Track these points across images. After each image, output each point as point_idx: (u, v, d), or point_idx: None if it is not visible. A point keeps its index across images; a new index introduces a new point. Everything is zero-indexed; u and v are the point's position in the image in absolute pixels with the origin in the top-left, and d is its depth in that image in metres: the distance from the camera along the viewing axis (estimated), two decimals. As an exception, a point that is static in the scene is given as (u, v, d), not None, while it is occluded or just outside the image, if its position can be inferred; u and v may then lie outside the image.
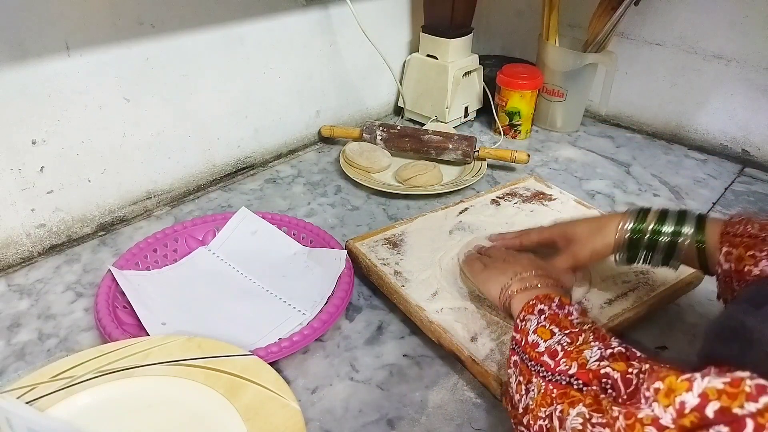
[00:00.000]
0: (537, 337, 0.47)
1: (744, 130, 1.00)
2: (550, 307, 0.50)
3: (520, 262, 0.59)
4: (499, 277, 0.58)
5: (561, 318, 0.48)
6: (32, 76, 0.67)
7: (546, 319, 0.48)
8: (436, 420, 0.54)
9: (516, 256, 0.62)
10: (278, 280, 0.70)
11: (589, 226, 0.62)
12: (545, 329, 0.47)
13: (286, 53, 0.93)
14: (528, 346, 0.47)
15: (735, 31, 0.95)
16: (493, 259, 0.63)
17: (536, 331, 0.47)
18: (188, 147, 0.87)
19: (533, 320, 0.49)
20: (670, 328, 0.65)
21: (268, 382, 0.52)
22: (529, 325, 0.49)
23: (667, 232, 0.56)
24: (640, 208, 0.59)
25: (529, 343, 0.47)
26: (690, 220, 0.56)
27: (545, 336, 0.46)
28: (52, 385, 0.51)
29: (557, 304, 0.50)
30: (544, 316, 0.49)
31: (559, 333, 0.46)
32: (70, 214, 0.77)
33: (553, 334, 0.46)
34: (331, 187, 0.92)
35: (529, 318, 0.49)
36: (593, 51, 1.01)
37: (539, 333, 0.47)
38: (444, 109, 1.06)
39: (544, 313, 0.49)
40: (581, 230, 0.62)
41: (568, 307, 0.50)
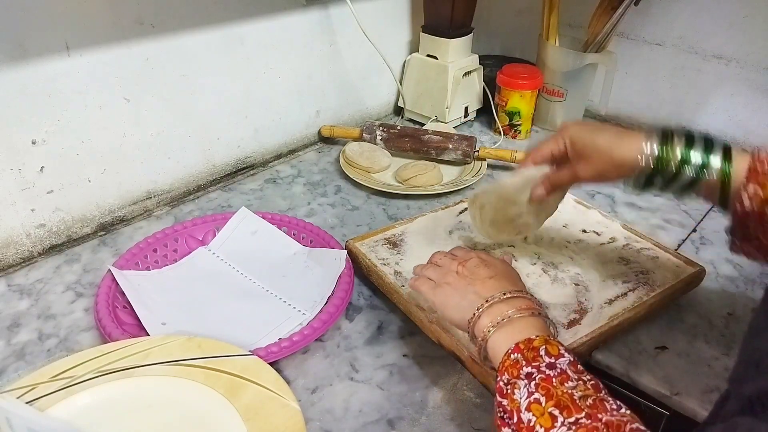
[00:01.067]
0: (533, 418, 0.40)
1: (744, 130, 1.00)
2: (539, 369, 0.43)
3: (479, 277, 0.52)
4: (460, 302, 0.51)
5: (557, 387, 0.41)
6: (32, 76, 0.67)
7: (538, 389, 0.41)
8: (436, 420, 0.54)
9: (471, 269, 0.54)
10: (278, 280, 0.70)
11: (603, 146, 0.54)
12: (541, 408, 0.40)
13: (286, 53, 0.93)
14: (524, 428, 0.40)
15: (735, 31, 0.95)
16: (441, 271, 0.56)
17: (530, 408, 0.41)
18: (188, 147, 0.87)
19: (522, 388, 0.42)
20: (670, 328, 0.65)
21: (268, 382, 0.52)
22: (518, 395, 0.42)
23: (696, 164, 0.50)
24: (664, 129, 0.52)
25: (525, 425, 0.40)
26: (717, 148, 0.50)
27: (545, 423, 0.39)
28: (52, 385, 0.51)
29: (546, 363, 0.43)
30: (534, 383, 0.42)
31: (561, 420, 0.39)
32: (70, 214, 0.77)
33: (554, 420, 0.39)
34: (331, 187, 0.92)
35: (516, 383, 0.43)
36: (593, 51, 1.01)
37: (535, 412, 0.40)
38: (444, 109, 1.06)
39: (534, 378, 0.42)
40: (594, 148, 0.54)
41: (558, 363, 0.43)
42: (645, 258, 0.71)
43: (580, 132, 0.57)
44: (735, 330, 0.64)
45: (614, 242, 0.74)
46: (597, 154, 0.54)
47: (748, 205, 0.47)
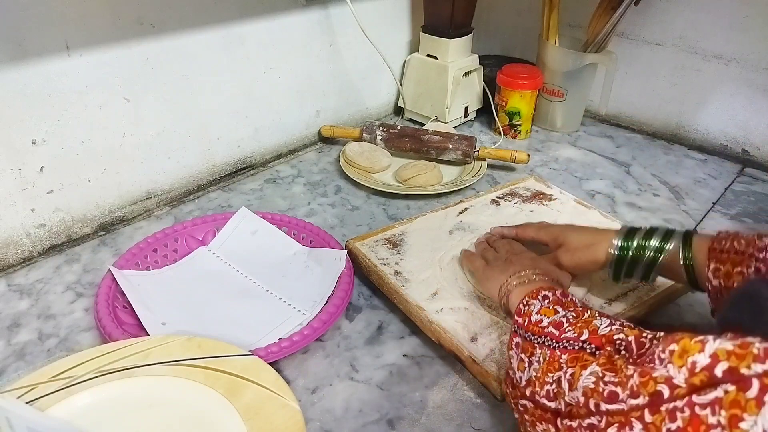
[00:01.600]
0: (540, 316, 0.47)
1: (744, 130, 1.00)
2: (554, 294, 0.50)
3: (521, 261, 0.59)
4: (499, 275, 0.58)
5: (565, 302, 0.49)
6: (32, 76, 0.67)
7: (550, 303, 0.49)
8: (436, 420, 0.54)
9: (518, 255, 0.62)
10: (278, 280, 0.70)
11: (582, 238, 0.62)
12: (549, 309, 0.48)
13: (286, 53, 0.93)
14: (531, 324, 0.47)
15: (735, 31, 0.95)
16: (495, 257, 0.64)
17: (540, 311, 0.48)
18: (188, 147, 0.87)
19: (536, 304, 0.49)
20: (670, 328, 0.64)
21: (268, 382, 0.52)
22: (533, 308, 0.49)
23: (652, 247, 0.57)
24: (631, 227, 0.60)
25: (532, 322, 0.47)
26: (676, 237, 0.56)
27: (549, 314, 0.47)
28: (52, 385, 0.51)
29: (560, 292, 0.50)
30: (547, 300, 0.49)
31: (563, 310, 0.47)
32: (70, 214, 0.77)
33: (557, 312, 0.47)
34: (331, 187, 0.92)
35: (532, 302, 0.50)
36: (593, 51, 1.01)
37: (543, 312, 0.48)
38: (444, 109, 1.06)
39: (548, 298, 0.50)
40: (574, 239, 0.62)
41: (571, 296, 0.50)
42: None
43: (562, 228, 0.66)
44: (735, 330, 0.64)
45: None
46: (576, 243, 0.62)
47: (716, 282, 0.52)
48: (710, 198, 0.90)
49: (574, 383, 0.40)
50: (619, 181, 0.94)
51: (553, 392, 0.41)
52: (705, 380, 0.33)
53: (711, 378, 0.33)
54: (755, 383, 0.31)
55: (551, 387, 0.42)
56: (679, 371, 0.34)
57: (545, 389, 0.42)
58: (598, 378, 0.38)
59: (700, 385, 0.33)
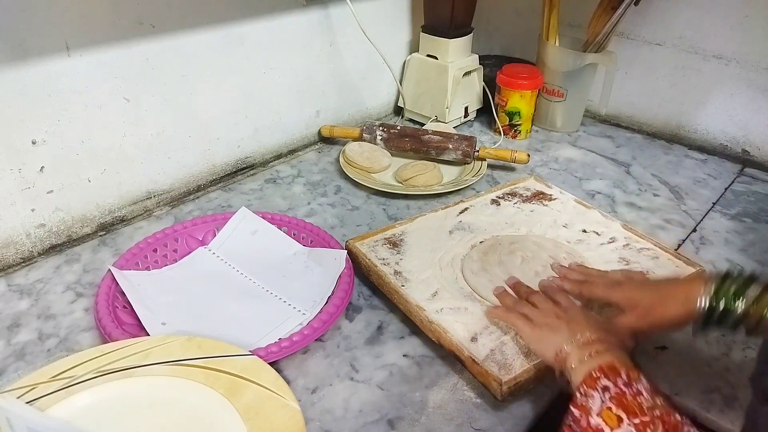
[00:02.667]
0: (601, 422, 0.43)
1: (744, 130, 1.00)
2: (616, 384, 0.45)
3: (576, 319, 0.55)
4: (553, 336, 0.54)
5: (629, 400, 0.44)
6: (32, 76, 0.67)
7: (612, 400, 0.44)
8: (436, 420, 0.54)
9: (569, 311, 0.57)
10: (278, 280, 0.70)
11: (661, 293, 0.56)
12: (611, 413, 0.43)
13: (286, 53, 0.93)
14: (591, 429, 0.43)
15: (735, 31, 0.95)
16: (541, 314, 0.58)
17: (600, 414, 0.43)
18: (188, 147, 0.87)
19: (596, 398, 0.45)
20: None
21: (268, 382, 0.52)
22: (592, 404, 0.44)
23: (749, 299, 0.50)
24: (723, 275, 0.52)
25: (593, 427, 0.43)
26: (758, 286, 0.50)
27: (611, 422, 0.42)
28: (52, 385, 0.51)
29: (624, 381, 0.45)
30: (609, 395, 0.44)
31: (627, 421, 0.42)
32: (70, 214, 0.77)
33: (620, 422, 0.42)
34: (331, 187, 0.92)
35: (592, 395, 0.45)
36: (593, 51, 1.01)
37: (604, 417, 0.43)
38: (444, 109, 1.06)
39: (609, 391, 0.45)
40: (651, 298, 0.56)
41: (636, 385, 0.45)
42: (645, 258, 0.71)
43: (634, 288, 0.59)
44: (735, 330, 0.64)
45: (614, 242, 0.74)
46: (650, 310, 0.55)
47: None
48: (710, 198, 0.90)
49: None
50: (619, 181, 0.94)
51: None
52: None
53: None
54: None
55: None
56: None
57: None
58: None
59: None
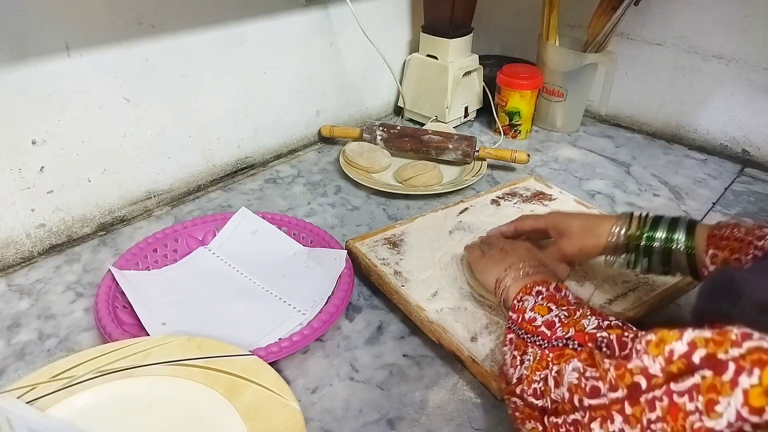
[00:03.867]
0: (534, 313, 0.48)
1: (744, 130, 1.00)
2: (548, 290, 0.51)
3: (517, 252, 0.60)
4: (496, 266, 0.58)
5: (558, 298, 0.49)
6: (32, 76, 0.67)
7: (543, 299, 0.50)
8: (436, 420, 0.54)
9: (514, 246, 0.62)
10: (278, 280, 0.70)
11: (582, 224, 0.62)
12: (542, 306, 0.48)
13: (286, 53, 0.93)
14: (525, 322, 0.48)
15: (735, 31, 0.95)
16: (490, 247, 0.64)
17: (533, 308, 0.49)
18: (188, 147, 0.87)
19: (530, 300, 0.50)
20: (669, 328, 0.64)
21: (268, 382, 0.52)
22: (527, 305, 0.50)
23: (660, 238, 0.57)
24: (631, 213, 0.60)
25: (526, 320, 0.48)
26: (681, 225, 0.57)
27: (542, 312, 0.48)
28: (52, 385, 0.51)
29: (554, 287, 0.51)
30: (541, 297, 0.50)
31: (557, 309, 0.48)
32: (70, 214, 0.77)
33: (550, 311, 0.48)
34: (331, 187, 0.92)
35: (527, 298, 0.50)
36: (593, 51, 1.01)
37: (536, 310, 0.48)
38: (444, 109, 1.06)
39: (542, 294, 0.50)
40: (574, 226, 0.63)
41: (565, 291, 0.51)
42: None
43: (563, 215, 0.66)
44: (735, 330, 0.64)
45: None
46: (579, 230, 0.62)
47: (712, 267, 0.53)
48: (710, 198, 0.90)
49: (560, 380, 0.40)
50: (619, 181, 0.94)
51: (540, 390, 0.42)
52: (682, 368, 0.33)
53: (688, 365, 0.33)
54: (731, 366, 0.31)
55: (539, 385, 0.42)
56: (654, 361, 0.34)
57: (533, 387, 0.43)
58: (580, 374, 0.39)
59: (677, 372, 0.33)
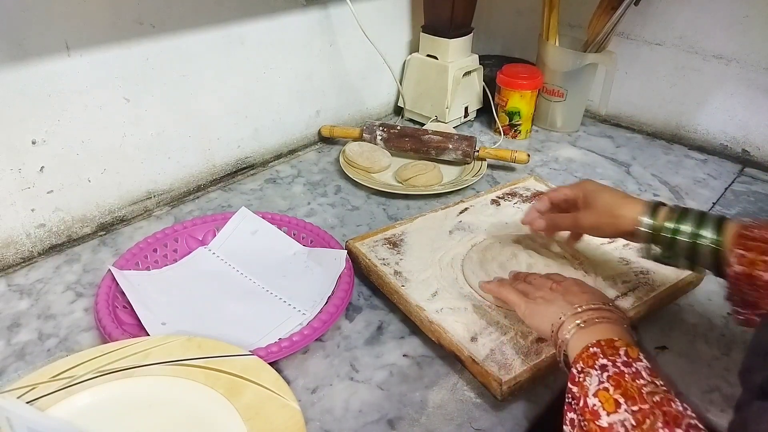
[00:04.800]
0: (598, 403, 0.42)
1: (744, 130, 1.00)
2: (615, 364, 0.44)
3: (571, 290, 0.55)
4: (548, 308, 0.54)
5: (627, 381, 0.43)
6: (32, 76, 0.67)
7: (609, 380, 0.43)
8: (436, 420, 0.54)
9: (563, 283, 0.58)
10: (278, 280, 0.70)
11: (608, 201, 0.61)
12: (608, 395, 0.42)
13: (286, 53, 0.93)
14: (588, 411, 0.42)
15: (735, 31, 0.95)
16: (536, 288, 0.59)
17: (597, 394, 0.43)
18: (188, 147, 0.87)
19: (594, 377, 0.44)
20: (670, 328, 0.65)
21: (268, 382, 0.52)
22: (589, 382, 0.44)
23: (686, 232, 0.55)
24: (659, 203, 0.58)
25: (589, 408, 0.42)
26: (709, 221, 0.55)
27: (609, 407, 0.42)
28: (52, 385, 0.51)
29: (623, 360, 0.44)
30: (607, 374, 0.44)
31: (625, 407, 0.41)
32: (70, 214, 0.77)
33: (617, 406, 0.41)
34: (331, 187, 0.92)
35: (590, 372, 0.44)
36: (593, 51, 1.01)
37: (601, 398, 0.42)
38: (444, 109, 1.06)
39: (607, 370, 0.44)
40: (600, 200, 0.62)
41: (635, 365, 0.44)
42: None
43: (595, 186, 0.64)
44: (735, 330, 0.64)
45: (614, 242, 0.74)
46: (602, 206, 0.61)
47: (738, 268, 0.51)
48: (710, 198, 0.90)
49: None
50: (619, 181, 0.94)
51: None
52: None
53: None
54: None
55: None
56: None
57: None
58: None
59: None
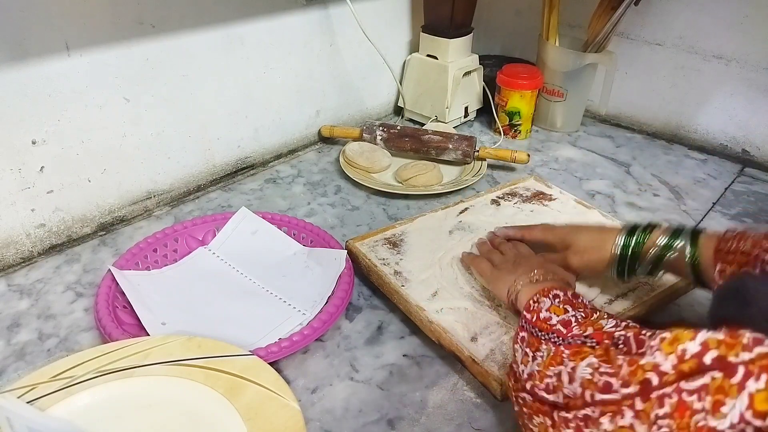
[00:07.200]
0: (550, 314, 0.48)
1: (744, 130, 1.00)
2: (566, 294, 0.50)
3: (530, 262, 0.60)
4: (508, 276, 0.59)
5: (576, 303, 0.49)
6: (32, 76, 0.67)
7: (560, 302, 0.49)
8: (436, 420, 0.54)
9: (526, 257, 0.63)
10: (278, 280, 0.70)
11: (589, 238, 0.62)
12: (559, 308, 0.48)
13: (286, 53, 0.93)
14: (540, 321, 0.48)
15: (735, 31, 0.95)
16: (503, 258, 0.64)
17: (549, 309, 0.49)
18: (188, 147, 0.87)
19: (546, 301, 0.50)
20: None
21: (268, 382, 0.52)
22: (542, 305, 0.49)
23: (659, 245, 0.57)
24: (634, 224, 0.60)
25: (541, 319, 0.48)
26: (684, 235, 0.56)
27: (559, 312, 0.48)
28: (52, 385, 0.51)
29: (572, 293, 0.51)
30: (558, 300, 0.50)
31: (573, 310, 0.47)
32: (70, 214, 0.77)
33: (566, 312, 0.48)
34: (331, 187, 0.92)
35: (543, 300, 0.50)
36: (593, 51, 1.01)
37: (552, 311, 0.48)
38: (444, 109, 1.06)
39: (559, 297, 0.50)
40: (581, 240, 0.63)
41: (582, 298, 0.51)
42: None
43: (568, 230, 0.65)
44: (735, 330, 0.64)
45: (614, 242, 0.74)
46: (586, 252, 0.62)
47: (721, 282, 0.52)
48: (710, 198, 0.90)
49: (573, 375, 0.40)
50: (619, 181, 0.94)
51: (553, 385, 0.42)
52: (694, 367, 0.34)
53: (700, 365, 0.34)
54: (740, 369, 0.32)
55: (551, 380, 0.42)
56: (666, 358, 0.35)
57: (545, 382, 0.43)
58: (594, 369, 0.39)
59: (689, 372, 0.34)
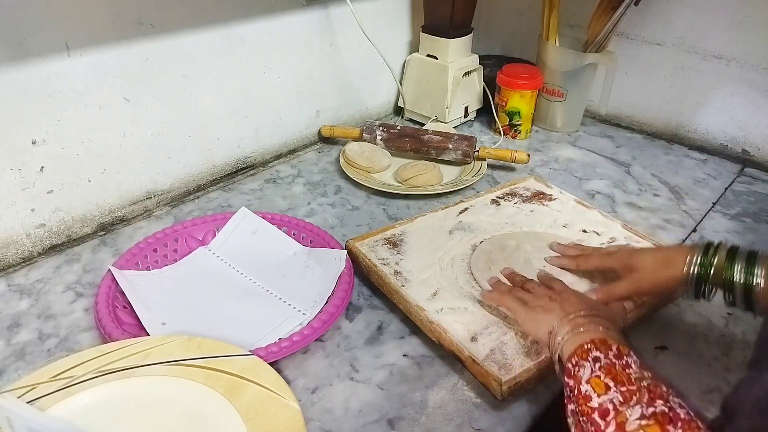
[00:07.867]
0: (590, 388, 0.45)
1: (744, 130, 1.00)
2: (607, 356, 0.46)
3: (569, 300, 0.56)
4: (546, 316, 0.55)
5: (618, 370, 0.45)
6: (32, 76, 0.67)
7: (601, 369, 0.45)
8: (436, 420, 0.54)
9: (562, 294, 0.59)
10: (278, 280, 0.70)
11: (654, 257, 0.60)
12: (599, 381, 0.45)
13: (286, 53, 0.93)
14: (581, 396, 0.45)
15: (735, 31, 0.95)
16: (535, 297, 0.60)
17: (590, 381, 0.45)
18: (188, 147, 0.87)
19: (587, 368, 0.46)
20: (670, 328, 0.65)
21: (268, 382, 0.52)
22: (582, 373, 0.46)
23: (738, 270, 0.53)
24: (708, 243, 0.56)
25: (582, 394, 0.45)
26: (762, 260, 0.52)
27: (599, 389, 0.44)
28: (52, 385, 0.51)
29: (614, 353, 0.47)
30: (599, 365, 0.46)
31: (614, 389, 0.43)
32: (70, 214, 0.77)
33: (607, 389, 0.44)
34: (331, 187, 0.92)
35: (583, 364, 0.47)
36: (593, 51, 1.01)
37: (593, 384, 0.45)
38: (444, 109, 1.06)
39: (600, 361, 0.46)
40: (646, 261, 0.60)
41: (626, 358, 0.46)
42: (645, 258, 0.71)
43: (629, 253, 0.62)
44: (735, 330, 0.64)
45: (614, 242, 0.74)
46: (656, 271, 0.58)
47: None
48: (710, 198, 0.90)
49: None
50: (619, 181, 0.94)
51: None
52: None
53: None
54: None
55: None
56: None
57: None
58: None
59: None
